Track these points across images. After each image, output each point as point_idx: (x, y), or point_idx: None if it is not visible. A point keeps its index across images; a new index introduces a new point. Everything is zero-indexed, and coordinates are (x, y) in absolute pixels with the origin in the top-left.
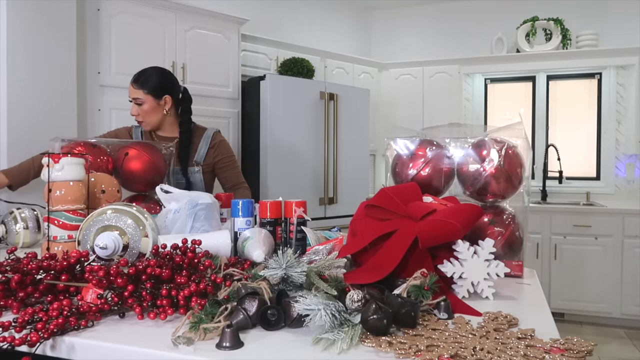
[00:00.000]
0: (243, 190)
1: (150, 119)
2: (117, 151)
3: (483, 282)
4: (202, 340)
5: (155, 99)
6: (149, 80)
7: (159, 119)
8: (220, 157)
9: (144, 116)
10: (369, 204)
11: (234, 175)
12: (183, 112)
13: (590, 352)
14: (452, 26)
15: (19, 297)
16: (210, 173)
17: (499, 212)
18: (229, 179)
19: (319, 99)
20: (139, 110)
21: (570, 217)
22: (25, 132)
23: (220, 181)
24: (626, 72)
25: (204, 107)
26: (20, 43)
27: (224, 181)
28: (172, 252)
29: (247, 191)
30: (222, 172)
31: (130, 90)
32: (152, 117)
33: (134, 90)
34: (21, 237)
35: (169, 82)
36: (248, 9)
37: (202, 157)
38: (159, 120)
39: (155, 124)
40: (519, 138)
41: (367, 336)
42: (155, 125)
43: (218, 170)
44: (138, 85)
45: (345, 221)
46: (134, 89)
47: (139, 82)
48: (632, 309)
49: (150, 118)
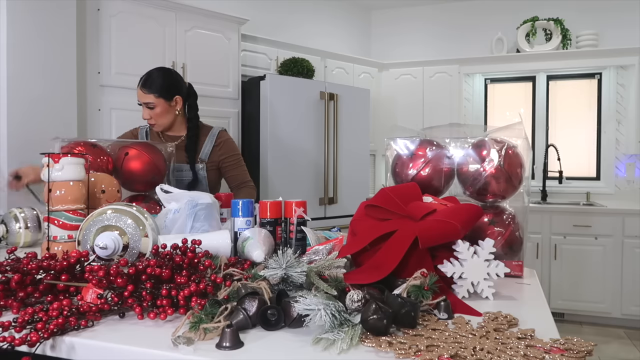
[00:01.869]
0: (249, 189)
1: (163, 120)
2: (117, 151)
3: (483, 282)
4: (202, 340)
5: (166, 101)
6: (158, 83)
7: (171, 120)
8: (226, 156)
9: (157, 119)
10: (369, 204)
11: (240, 173)
12: (190, 108)
13: (590, 352)
14: (452, 26)
15: (19, 297)
16: (216, 171)
17: (499, 212)
18: (235, 178)
19: (319, 99)
20: (151, 113)
21: (570, 217)
22: (25, 132)
23: (226, 180)
24: (626, 72)
25: (204, 107)
26: (20, 43)
27: (230, 180)
28: (172, 252)
29: (252, 190)
30: (228, 171)
31: (140, 95)
32: (165, 119)
33: (144, 95)
34: (22, 236)
35: (177, 81)
36: (248, 9)
37: (207, 154)
38: (171, 121)
39: (167, 125)
40: (519, 138)
41: (367, 336)
42: (168, 126)
43: (224, 169)
44: (148, 90)
45: (345, 221)
46: (144, 94)
47: (148, 87)
48: (632, 309)
49: (162, 120)
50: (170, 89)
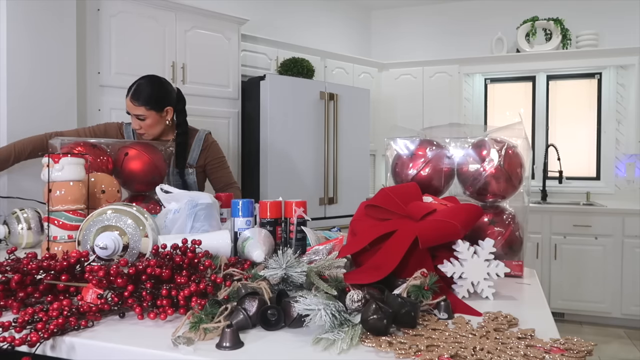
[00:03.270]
0: (234, 190)
1: (153, 131)
2: (117, 151)
3: (483, 282)
4: (202, 340)
5: (157, 113)
6: (148, 94)
7: (162, 129)
8: (212, 159)
9: (147, 129)
10: (369, 204)
11: (224, 175)
12: (179, 113)
13: (590, 352)
14: (452, 26)
15: (19, 297)
16: (202, 174)
17: (499, 212)
18: (220, 180)
19: (319, 99)
20: (141, 124)
21: (570, 217)
22: (25, 132)
23: (211, 182)
24: (626, 72)
25: (204, 107)
26: (20, 43)
27: (215, 182)
28: (172, 252)
29: (238, 191)
30: (214, 173)
31: (130, 107)
32: (155, 129)
33: (134, 107)
34: (24, 237)
35: (167, 92)
36: (248, 9)
37: (195, 159)
38: (161, 131)
39: (157, 135)
40: (519, 138)
41: (367, 336)
42: (158, 135)
43: (209, 171)
44: (138, 102)
45: (345, 221)
46: (134, 106)
47: (137, 99)
48: (632, 309)
49: (153, 130)
50: (161, 100)
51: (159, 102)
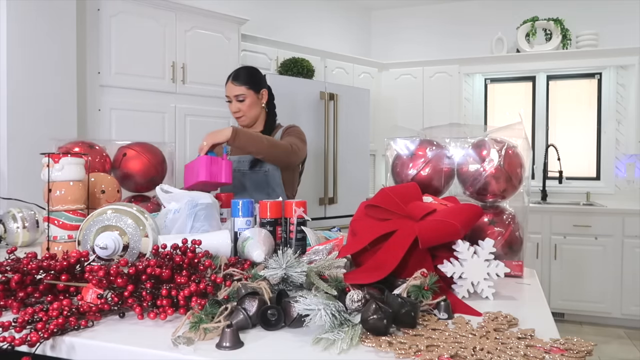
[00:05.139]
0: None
1: (251, 113)
2: (116, 152)
3: (483, 282)
4: (202, 340)
5: (255, 93)
6: (248, 76)
7: (258, 114)
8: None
9: (246, 111)
10: (369, 204)
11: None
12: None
13: (590, 352)
14: (452, 26)
15: (19, 297)
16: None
17: (499, 212)
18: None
19: (319, 99)
20: (240, 106)
21: (570, 217)
22: (25, 132)
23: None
24: (626, 72)
25: (204, 107)
26: (20, 43)
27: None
28: (172, 252)
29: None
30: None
31: (230, 89)
32: (253, 111)
33: (235, 87)
34: (20, 236)
35: (263, 76)
36: (248, 9)
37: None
38: (258, 114)
39: (254, 118)
40: (519, 138)
41: (367, 336)
42: (254, 120)
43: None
44: (239, 82)
45: (345, 221)
46: (235, 86)
47: (239, 79)
48: (632, 309)
49: (251, 112)
50: (258, 82)
51: (256, 83)
